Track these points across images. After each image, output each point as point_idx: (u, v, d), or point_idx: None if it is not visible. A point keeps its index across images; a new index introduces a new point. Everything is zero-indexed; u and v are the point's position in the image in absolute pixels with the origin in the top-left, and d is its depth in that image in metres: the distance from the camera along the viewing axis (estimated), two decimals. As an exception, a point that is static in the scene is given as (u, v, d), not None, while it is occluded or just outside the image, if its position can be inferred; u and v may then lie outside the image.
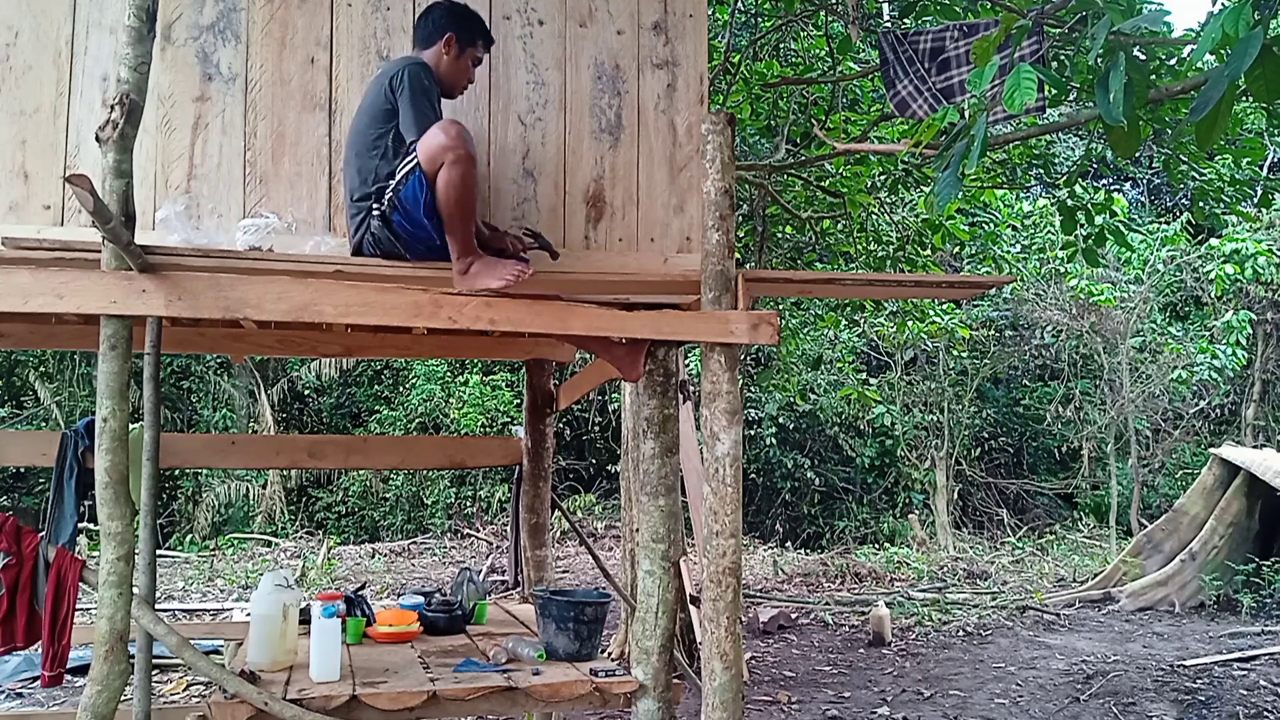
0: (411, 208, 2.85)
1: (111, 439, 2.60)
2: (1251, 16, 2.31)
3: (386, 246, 2.95)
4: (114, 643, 2.59)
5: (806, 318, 11.19)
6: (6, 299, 2.59)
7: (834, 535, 14.97)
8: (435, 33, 3.05)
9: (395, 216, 2.89)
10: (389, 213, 2.89)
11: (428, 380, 15.24)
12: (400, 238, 2.93)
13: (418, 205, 2.84)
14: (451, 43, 3.04)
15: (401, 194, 2.86)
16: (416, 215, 2.86)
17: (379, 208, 2.90)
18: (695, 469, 7.07)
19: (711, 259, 3.08)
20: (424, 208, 2.84)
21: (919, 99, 4.53)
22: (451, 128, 2.79)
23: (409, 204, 2.85)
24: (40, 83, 3.01)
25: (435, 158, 2.78)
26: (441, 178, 2.78)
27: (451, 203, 2.80)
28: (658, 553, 3.23)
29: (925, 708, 6.59)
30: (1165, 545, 10.49)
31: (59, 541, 3.52)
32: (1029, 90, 2.75)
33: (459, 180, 2.77)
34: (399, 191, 2.86)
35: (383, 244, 2.95)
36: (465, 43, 3.05)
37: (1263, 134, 7.93)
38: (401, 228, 2.90)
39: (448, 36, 3.03)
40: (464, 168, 2.77)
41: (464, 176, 2.77)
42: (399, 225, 2.90)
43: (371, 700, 2.89)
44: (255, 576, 10.90)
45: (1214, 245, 12.39)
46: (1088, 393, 15.39)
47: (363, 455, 5.28)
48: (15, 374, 14.44)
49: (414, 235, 2.91)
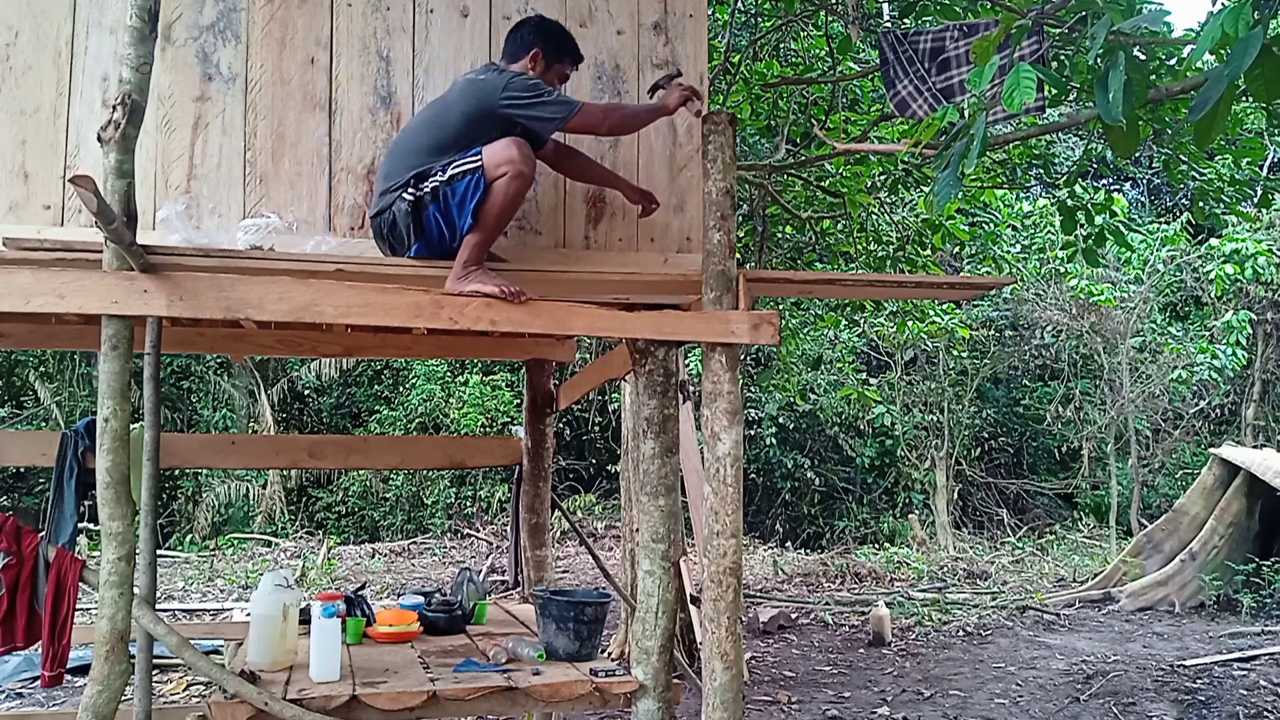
0: (456, 203, 2.90)
1: (112, 439, 2.61)
2: (1251, 16, 2.31)
3: (396, 232, 2.97)
4: (114, 643, 2.59)
5: (806, 318, 11.19)
6: (8, 299, 2.59)
7: (834, 535, 14.98)
8: (523, 48, 3.10)
9: (432, 207, 2.92)
10: (426, 200, 2.92)
11: (428, 380, 15.24)
12: (419, 228, 2.95)
13: (464, 204, 2.89)
14: (538, 58, 3.09)
15: (454, 187, 2.90)
16: (458, 212, 2.91)
17: (413, 193, 2.93)
18: (695, 469, 7.07)
19: (712, 259, 3.09)
20: (470, 209, 2.89)
21: (919, 99, 4.53)
22: (523, 146, 2.89)
23: (456, 199, 2.90)
24: (40, 83, 3.01)
25: (500, 165, 2.86)
26: (499, 186, 2.87)
27: (494, 212, 2.89)
28: (658, 553, 3.23)
29: (925, 708, 6.59)
30: (1165, 545, 10.49)
31: (59, 541, 3.51)
32: (1028, 90, 2.75)
33: (512, 194, 2.89)
34: (451, 184, 2.90)
35: (395, 229, 2.97)
36: (552, 59, 3.12)
37: (1263, 134, 7.92)
38: (431, 219, 2.94)
39: (534, 52, 3.08)
40: (520, 185, 2.89)
41: (518, 193, 2.90)
42: (430, 216, 2.93)
43: (371, 700, 2.89)
44: (255, 576, 10.90)
45: (1214, 245, 12.39)
46: (1088, 393, 15.40)
47: (363, 455, 5.28)
48: (15, 374, 14.44)
49: (437, 230, 2.95)
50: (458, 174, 2.90)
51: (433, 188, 2.92)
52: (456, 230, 2.93)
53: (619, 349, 3.70)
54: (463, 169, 2.90)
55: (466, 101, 2.98)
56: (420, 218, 2.94)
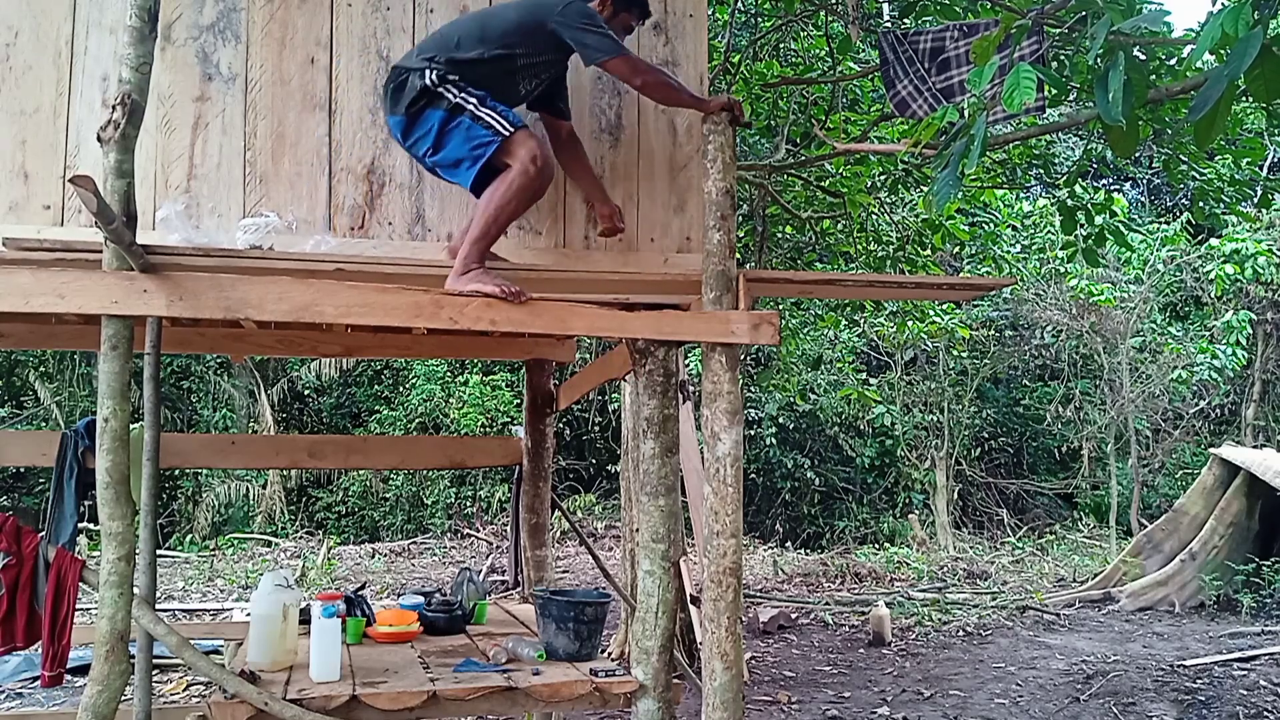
0: (458, 141, 2.90)
1: (112, 439, 2.61)
2: (1251, 16, 2.31)
3: (399, 95, 2.95)
4: (114, 643, 2.59)
5: (806, 318, 11.19)
6: (8, 299, 2.59)
7: (834, 535, 14.97)
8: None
9: (438, 111, 2.91)
10: (440, 96, 2.90)
11: (428, 380, 15.24)
12: (414, 113, 2.94)
13: (464, 152, 2.89)
14: (607, 3, 3.10)
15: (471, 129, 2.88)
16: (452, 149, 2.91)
17: (435, 79, 2.90)
18: (695, 469, 7.07)
19: (713, 259, 3.09)
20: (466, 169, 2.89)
21: (919, 99, 4.53)
22: (546, 151, 2.94)
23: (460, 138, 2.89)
24: (40, 83, 3.01)
25: (513, 155, 2.86)
26: (506, 177, 2.86)
27: (494, 204, 2.86)
28: (658, 553, 3.23)
29: (925, 708, 6.59)
30: (1165, 545, 10.49)
31: (59, 541, 3.51)
32: (1028, 90, 2.75)
33: (516, 190, 2.86)
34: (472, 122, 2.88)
35: (400, 92, 2.95)
36: (620, 6, 3.12)
37: (1263, 134, 7.92)
38: (428, 119, 2.92)
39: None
40: (529, 182, 2.87)
41: (521, 190, 2.87)
42: (429, 115, 2.92)
43: (371, 700, 2.89)
44: (255, 576, 10.90)
45: (1214, 245, 12.39)
46: (1088, 393, 15.40)
47: (363, 455, 5.28)
48: (15, 374, 14.44)
49: (423, 133, 2.94)
50: (482, 121, 2.89)
51: (455, 99, 2.91)
52: (433, 157, 2.93)
53: (619, 349, 3.70)
54: (489, 123, 2.89)
55: (523, 9, 3.01)
56: (420, 106, 2.93)
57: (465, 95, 2.92)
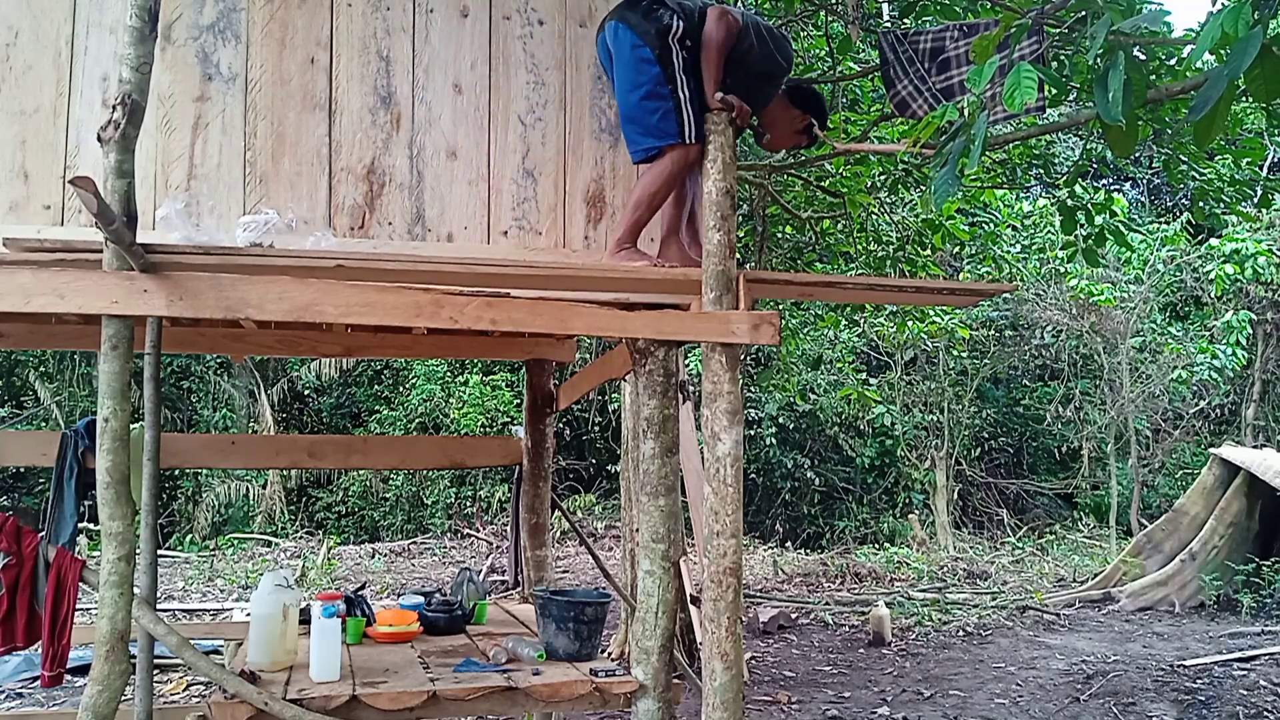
0: (650, 88, 3.12)
1: (113, 439, 2.60)
2: (1251, 16, 2.31)
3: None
4: (115, 643, 2.59)
5: (806, 317, 11.19)
6: (8, 299, 2.59)
7: (834, 535, 14.98)
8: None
9: (657, 49, 3.13)
10: (668, 44, 3.14)
11: (428, 380, 15.24)
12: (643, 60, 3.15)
13: (645, 95, 3.12)
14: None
15: (663, 86, 3.12)
16: (637, 114, 3.15)
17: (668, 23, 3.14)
18: (695, 469, 7.07)
19: (713, 259, 3.08)
20: (643, 122, 3.13)
21: (919, 99, 4.53)
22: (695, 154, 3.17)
23: (641, 115, 3.14)
24: (40, 83, 3.01)
25: (675, 145, 3.12)
26: (662, 164, 3.14)
27: (646, 186, 3.14)
28: (658, 553, 3.23)
29: (925, 708, 6.59)
30: (1165, 545, 10.50)
31: (59, 541, 3.51)
32: (1029, 90, 2.75)
33: (664, 174, 3.14)
34: (666, 82, 3.13)
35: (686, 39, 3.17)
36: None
37: (1263, 134, 7.91)
38: (645, 61, 3.14)
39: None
40: (675, 169, 3.14)
41: (668, 176, 3.14)
42: (647, 56, 3.13)
43: (371, 700, 2.89)
44: (255, 576, 10.90)
45: (1214, 245, 12.39)
46: (1088, 393, 15.40)
47: (363, 455, 5.27)
48: (15, 374, 14.44)
49: (632, 71, 3.15)
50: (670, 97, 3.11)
51: (681, 55, 3.13)
52: (625, 95, 3.15)
53: (619, 349, 3.70)
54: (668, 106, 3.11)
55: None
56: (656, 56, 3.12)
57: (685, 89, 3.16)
